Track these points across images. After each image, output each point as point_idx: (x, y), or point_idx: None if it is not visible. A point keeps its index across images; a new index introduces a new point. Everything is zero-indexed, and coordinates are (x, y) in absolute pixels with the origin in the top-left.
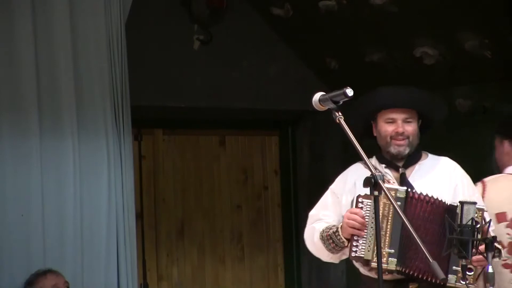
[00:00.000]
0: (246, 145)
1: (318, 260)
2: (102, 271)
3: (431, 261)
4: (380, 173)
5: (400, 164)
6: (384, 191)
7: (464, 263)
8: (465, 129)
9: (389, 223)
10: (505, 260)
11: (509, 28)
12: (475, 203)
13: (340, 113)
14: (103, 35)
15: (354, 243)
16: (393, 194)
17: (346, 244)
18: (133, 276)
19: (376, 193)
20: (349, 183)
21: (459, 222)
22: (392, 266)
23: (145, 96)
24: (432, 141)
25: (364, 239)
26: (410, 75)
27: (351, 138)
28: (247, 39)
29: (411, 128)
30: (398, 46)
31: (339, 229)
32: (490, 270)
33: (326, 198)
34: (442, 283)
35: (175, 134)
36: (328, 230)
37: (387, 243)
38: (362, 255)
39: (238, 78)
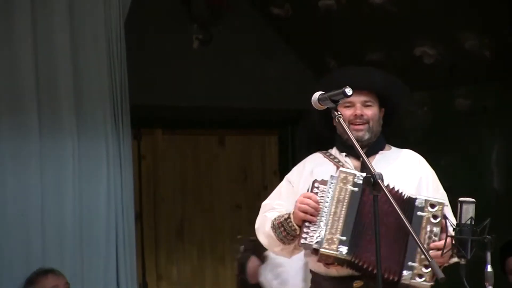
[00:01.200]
0: (246, 145)
1: None
2: (101, 270)
3: (430, 260)
4: (379, 173)
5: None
6: (383, 191)
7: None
8: (465, 129)
9: (343, 209)
10: None
11: (509, 28)
12: (474, 202)
13: (339, 113)
14: (102, 35)
15: (305, 230)
16: (351, 179)
17: (297, 232)
18: (132, 276)
19: (375, 192)
20: (306, 171)
21: (458, 221)
22: (342, 255)
23: (144, 95)
24: (431, 141)
25: (316, 226)
26: (409, 75)
27: (350, 137)
28: (247, 38)
29: (371, 112)
30: (398, 46)
31: (291, 215)
32: (489, 269)
33: (281, 187)
34: (440, 281)
35: (174, 134)
36: (280, 217)
37: (339, 229)
38: (312, 243)
39: (237, 77)
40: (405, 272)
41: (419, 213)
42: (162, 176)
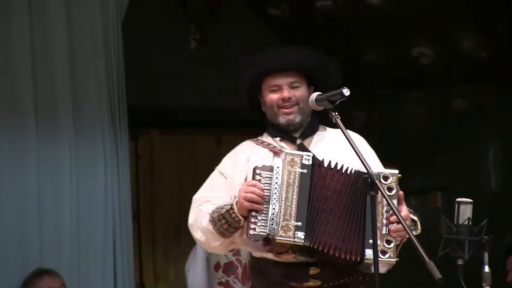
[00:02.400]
0: None
1: None
2: (99, 271)
3: (427, 260)
4: (376, 173)
5: (297, 135)
6: (380, 191)
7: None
8: (461, 129)
9: (295, 193)
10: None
11: (505, 28)
12: (471, 202)
13: (336, 113)
14: (100, 35)
15: (253, 220)
16: (298, 161)
17: (241, 223)
18: (130, 276)
19: (372, 193)
20: (241, 161)
21: (455, 222)
22: (300, 241)
23: (141, 96)
24: (428, 141)
25: (264, 214)
26: (406, 75)
27: (347, 137)
28: (244, 38)
29: (299, 92)
30: (395, 46)
31: (234, 206)
32: (487, 269)
33: (213, 179)
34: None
35: (171, 134)
36: (219, 210)
37: (293, 215)
38: (263, 233)
39: (234, 78)
40: (368, 251)
41: None
42: (159, 177)
